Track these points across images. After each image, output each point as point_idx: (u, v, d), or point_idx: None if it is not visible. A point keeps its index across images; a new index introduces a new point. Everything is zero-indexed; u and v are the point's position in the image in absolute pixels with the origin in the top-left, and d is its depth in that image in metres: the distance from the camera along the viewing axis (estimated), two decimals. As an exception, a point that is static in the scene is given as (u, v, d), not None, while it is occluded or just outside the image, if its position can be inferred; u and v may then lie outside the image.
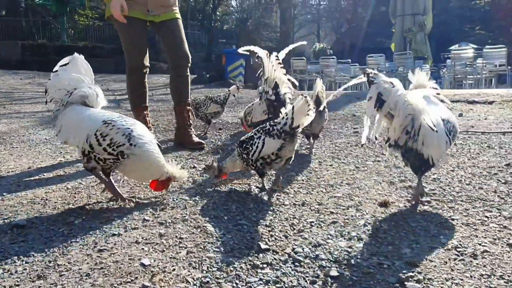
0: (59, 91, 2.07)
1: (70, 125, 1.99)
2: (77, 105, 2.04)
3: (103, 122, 1.93)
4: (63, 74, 2.09)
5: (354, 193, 2.21)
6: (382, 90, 1.84)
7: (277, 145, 2.07)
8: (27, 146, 3.40)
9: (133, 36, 3.17)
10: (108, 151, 1.90)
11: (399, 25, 12.67)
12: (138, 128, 1.99)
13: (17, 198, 2.11)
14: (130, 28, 3.14)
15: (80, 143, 1.94)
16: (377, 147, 3.25)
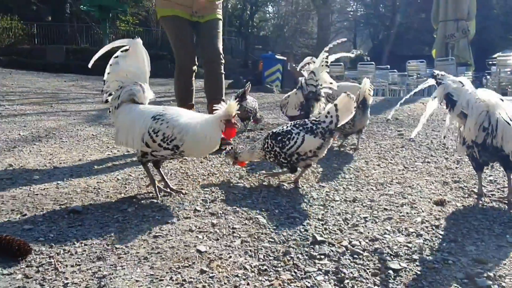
0: (115, 83, 2.08)
1: (125, 127, 1.99)
2: (127, 105, 2.04)
3: (153, 118, 1.92)
4: (123, 62, 2.08)
5: (406, 192, 2.14)
6: (451, 91, 1.80)
7: (317, 143, 2.09)
8: (76, 141, 3.50)
9: (181, 36, 3.24)
10: (163, 146, 1.88)
11: (441, 30, 12.34)
12: (184, 115, 1.97)
13: (71, 187, 2.16)
14: (177, 28, 3.22)
15: (138, 144, 1.93)
16: (424, 149, 3.15)
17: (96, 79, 14.82)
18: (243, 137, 3.76)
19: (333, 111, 2.06)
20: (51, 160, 2.77)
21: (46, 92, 8.84)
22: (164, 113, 1.92)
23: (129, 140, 1.96)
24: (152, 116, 1.92)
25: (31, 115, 5.12)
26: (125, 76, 2.06)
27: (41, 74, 14.54)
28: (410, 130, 3.99)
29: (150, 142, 1.88)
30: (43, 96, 7.89)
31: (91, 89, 10.97)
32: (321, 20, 17.11)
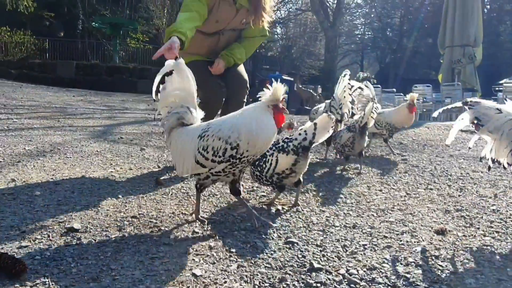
0: (165, 109, 2.04)
1: (177, 154, 1.95)
2: (176, 130, 1.99)
3: (199, 137, 1.87)
4: (169, 87, 2.03)
5: (407, 219, 2.13)
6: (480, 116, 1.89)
7: (291, 160, 2.12)
8: (80, 157, 3.52)
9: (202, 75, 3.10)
10: (217, 160, 1.81)
11: (447, 56, 12.41)
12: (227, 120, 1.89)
13: (71, 204, 2.17)
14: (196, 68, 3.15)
15: (194, 167, 1.88)
16: (427, 175, 3.14)
17: (105, 94, 15.00)
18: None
19: (311, 129, 2.11)
20: (53, 176, 2.78)
21: (55, 107, 8.93)
22: (208, 128, 1.87)
23: (186, 166, 1.90)
24: (198, 135, 1.88)
25: (38, 129, 5.17)
26: (173, 100, 2.02)
27: (51, 88, 14.72)
28: (413, 156, 3.98)
29: (203, 160, 1.83)
30: (51, 111, 7.97)
31: (99, 104, 11.08)
32: (329, 43, 17.27)
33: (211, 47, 3.20)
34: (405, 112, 3.78)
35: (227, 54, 3.18)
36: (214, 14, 3.00)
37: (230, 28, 3.16)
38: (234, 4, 3.02)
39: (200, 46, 3.17)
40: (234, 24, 3.14)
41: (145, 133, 5.41)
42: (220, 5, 2.99)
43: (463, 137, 5.43)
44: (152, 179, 2.79)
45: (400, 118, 3.82)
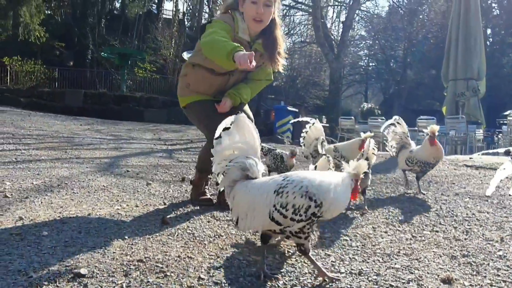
0: (223, 163, 1.98)
1: (244, 210, 1.88)
2: (241, 183, 1.92)
3: (275, 193, 1.79)
4: (226, 141, 1.99)
5: (413, 265, 2.12)
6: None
7: None
8: (87, 192, 3.55)
9: (211, 116, 3.13)
10: (296, 219, 1.76)
11: (451, 89, 12.52)
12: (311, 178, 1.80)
13: (78, 245, 2.19)
14: (203, 110, 3.20)
15: (266, 224, 1.83)
16: (433, 215, 3.13)
17: (112, 123, 15.16)
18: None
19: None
20: (61, 214, 2.81)
21: (62, 136, 9.04)
22: (287, 183, 1.79)
23: (255, 223, 1.85)
24: (274, 190, 1.79)
25: (45, 161, 5.22)
26: (232, 153, 1.99)
27: (59, 117, 14.90)
28: (428, 194, 3.98)
29: (281, 218, 1.76)
30: (58, 140, 8.06)
31: (106, 133, 11.19)
32: (333, 74, 17.49)
33: (220, 86, 3.23)
34: (428, 146, 3.77)
35: (234, 93, 3.22)
36: None
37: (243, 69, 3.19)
38: (250, 47, 3.08)
39: (209, 86, 3.20)
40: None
41: (151, 166, 5.44)
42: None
43: (469, 173, 5.41)
44: (158, 218, 2.81)
45: (427, 153, 3.79)
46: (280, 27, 3.30)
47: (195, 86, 3.21)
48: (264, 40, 3.14)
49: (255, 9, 2.98)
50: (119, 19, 25.57)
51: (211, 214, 2.96)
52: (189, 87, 3.22)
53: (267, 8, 3.02)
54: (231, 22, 3.03)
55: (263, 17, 3.02)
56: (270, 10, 3.06)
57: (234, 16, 3.06)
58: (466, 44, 12.11)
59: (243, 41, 3.03)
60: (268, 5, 3.03)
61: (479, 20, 12.47)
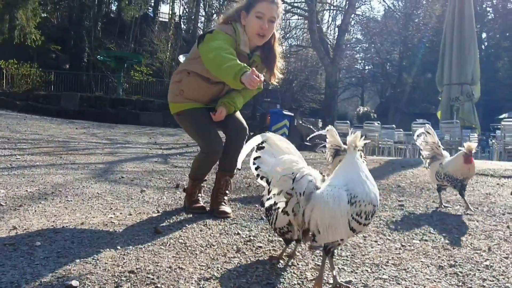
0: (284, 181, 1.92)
1: (325, 223, 1.85)
2: (316, 195, 1.89)
3: (349, 203, 1.83)
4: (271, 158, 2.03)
5: (400, 276, 2.16)
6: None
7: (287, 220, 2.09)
8: (81, 200, 3.57)
9: (205, 126, 3.20)
10: (366, 223, 1.86)
11: (445, 93, 12.60)
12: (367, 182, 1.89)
13: (70, 256, 2.21)
14: (196, 119, 3.21)
15: (347, 234, 1.88)
16: (423, 223, 3.17)
17: (108, 126, 15.17)
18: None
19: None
20: (54, 223, 2.83)
21: (57, 140, 9.04)
22: (356, 194, 1.84)
23: (337, 234, 1.87)
24: (347, 201, 1.83)
25: (40, 167, 5.24)
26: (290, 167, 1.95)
27: (54, 120, 14.90)
28: (411, 201, 4.02)
29: (357, 226, 1.84)
30: (53, 145, 8.07)
31: (102, 137, 11.21)
32: (329, 78, 17.57)
33: (214, 95, 3.25)
34: (460, 161, 3.57)
35: (229, 102, 3.24)
36: None
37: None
38: (248, 59, 3.12)
39: (204, 94, 3.22)
40: None
41: (146, 172, 5.47)
42: (236, 56, 3.01)
43: (461, 179, 5.45)
44: (151, 227, 2.83)
45: (457, 168, 3.59)
46: (279, 40, 3.35)
47: (189, 94, 3.21)
48: (262, 53, 3.19)
49: (260, 25, 3.02)
50: (115, 22, 25.61)
51: (204, 223, 2.99)
52: (182, 94, 3.22)
53: (271, 23, 3.07)
54: (233, 34, 3.05)
55: (266, 32, 3.07)
56: (273, 26, 3.11)
57: (236, 28, 3.08)
58: (460, 49, 12.20)
59: (243, 53, 3.08)
60: (272, 21, 3.08)
61: (473, 24, 12.56)
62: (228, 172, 3.39)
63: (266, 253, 2.41)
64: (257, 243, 2.60)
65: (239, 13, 3.12)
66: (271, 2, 3.05)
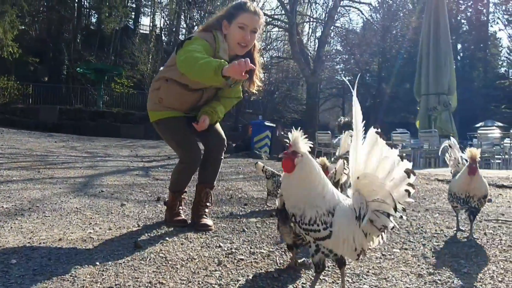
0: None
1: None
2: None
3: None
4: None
5: (381, 285, 2.17)
6: None
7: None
8: (59, 215, 3.50)
9: (183, 135, 3.20)
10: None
11: (423, 103, 12.90)
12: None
13: (47, 273, 2.16)
14: (175, 129, 3.20)
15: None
16: (403, 232, 3.21)
17: (88, 139, 14.97)
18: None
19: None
20: (31, 240, 2.76)
21: (35, 154, 8.88)
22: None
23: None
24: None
25: (17, 182, 5.13)
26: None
27: (33, 134, 14.63)
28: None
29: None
30: (31, 159, 7.92)
31: (81, 151, 11.05)
32: (310, 89, 17.77)
33: (193, 103, 3.23)
34: (464, 175, 3.01)
35: (211, 111, 3.21)
36: None
37: (215, 86, 3.17)
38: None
39: (183, 102, 3.20)
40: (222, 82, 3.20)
41: (126, 185, 5.41)
42: None
43: (439, 188, 5.57)
44: (131, 241, 2.79)
45: (463, 185, 3.04)
46: (258, 50, 3.37)
47: (167, 102, 3.19)
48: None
49: (242, 35, 3.04)
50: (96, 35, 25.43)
51: (185, 236, 2.97)
52: (161, 102, 3.20)
53: (253, 34, 3.09)
54: (211, 41, 3.05)
55: (248, 43, 3.09)
56: (255, 36, 3.13)
57: (216, 35, 3.08)
58: (436, 60, 12.53)
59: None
60: (254, 32, 3.10)
61: (448, 36, 12.93)
62: (207, 184, 3.38)
63: (248, 266, 2.40)
64: (239, 256, 2.58)
65: (220, 22, 3.13)
66: (254, 14, 3.07)
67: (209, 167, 3.33)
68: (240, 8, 3.08)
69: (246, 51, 3.15)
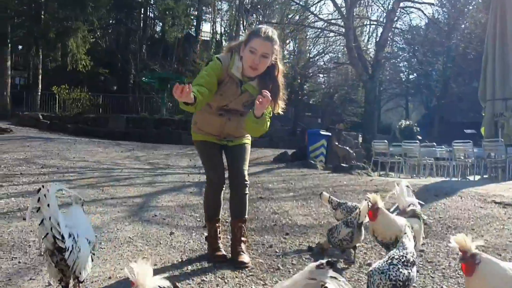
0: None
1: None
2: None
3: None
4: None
5: None
6: None
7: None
8: (113, 247, 3.85)
9: (210, 156, 3.60)
10: None
11: (489, 109, 12.17)
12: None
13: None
14: (207, 151, 3.61)
15: None
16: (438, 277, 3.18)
17: (152, 147, 15.81)
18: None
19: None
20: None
21: (102, 168, 9.58)
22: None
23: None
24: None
25: (82, 204, 5.59)
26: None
27: (102, 143, 15.64)
28: (433, 244, 3.98)
29: None
30: (98, 174, 8.53)
31: (144, 161, 11.69)
32: (368, 94, 17.43)
33: (220, 126, 3.50)
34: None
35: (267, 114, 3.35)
36: (221, 88, 3.32)
37: (234, 107, 3.44)
38: (239, 87, 3.35)
39: (211, 125, 3.50)
40: (237, 102, 3.42)
41: (179, 206, 5.74)
42: (228, 83, 3.32)
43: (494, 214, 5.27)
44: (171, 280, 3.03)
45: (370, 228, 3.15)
46: (282, 72, 3.51)
47: (201, 125, 3.54)
48: (261, 83, 3.33)
49: (252, 59, 3.23)
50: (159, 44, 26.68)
51: (222, 275, 3.17)
52: (196, 125, 3.57)
53: (264, 59, 3.25)
54: (226, 61, 3.32)
55: (258, 66, 3.26)
56: (267, 61, 3.28)
57: (233, 55, 3.34)
58: (503, 63, 11.77)
59: (234, 77, 3.32)
60: (265, 57, 3.25)
61: (517, 35, 12.07)
62: (239, 219, 3.59)
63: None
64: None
65: (240, 45, 3.36)
66: (265, 39, 3.22)
67: (236, 202, 3.61)
68: (254, 33, 3.29)
69: (257, 73, 3.32)
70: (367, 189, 7.54)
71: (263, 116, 3.20)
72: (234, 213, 3.61)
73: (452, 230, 4.53)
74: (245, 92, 3.37)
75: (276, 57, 3.36)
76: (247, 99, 3.40)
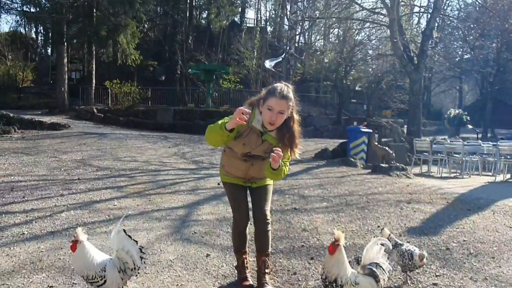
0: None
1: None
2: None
3: None
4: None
5: None
6: None
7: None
8: (154, 272, 4.31)
9: (236, 197, 4.00)
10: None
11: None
12: None
13: None
14: (233, 192, 4.01)
15: None
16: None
17: (198, 141, 16.48)
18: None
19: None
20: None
21: (151, 170, 10.24)
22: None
23: None
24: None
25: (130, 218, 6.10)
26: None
27: (151, 137, 16.46)
28: (449, 276, 4.15)
29: None
30: (146, 179, 9.14)
31: (189, 159, 12.30)
32: (413, 86, 17.01)
33: (245, 170, 3.89)
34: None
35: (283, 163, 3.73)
36: (243, 137, 3.71)
37: (256, 153, 3.80)
38: (260, 136, 3.73)
39: (236, 169, 3.90)
40: (259, 150, 3.79)
41: (217, 220, 6.19)
42: (250, 133, 3.72)
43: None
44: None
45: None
46: (298, 121, 3.86)
47: (227, 168, 3.97)
48: (279, 133, 3.72)
49: (269, 115, 3.62)
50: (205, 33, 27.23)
51: (247, 307, 3.60)
52: (224, 167, 4.01)
53: (280, 115, 3.64)
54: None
55: (275, 122, 3.67)
56: (283, 117, 3.68)
57: (254, 109, 3.74)
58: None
59: (255, 130, 3.71)
60: (282, 113, 3.64)
61: None
62: (262, 253, 4.01)
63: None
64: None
65: (260, 100, 3.74)
66: (281, 98, 3.60)
67: (259, 238, 4.02)
68: (270, 93, 3.64)
69: (275, 127, 3.70)
70: (401, 199, 7.69)
71: (280, 167, 3.62)
72: (258, 247, 4.03)
73: (473, 258, 4.60)
74: (266, 141, 3.77)
75: (292, 111, 3.72)
76: (267, 147, 3.79)
